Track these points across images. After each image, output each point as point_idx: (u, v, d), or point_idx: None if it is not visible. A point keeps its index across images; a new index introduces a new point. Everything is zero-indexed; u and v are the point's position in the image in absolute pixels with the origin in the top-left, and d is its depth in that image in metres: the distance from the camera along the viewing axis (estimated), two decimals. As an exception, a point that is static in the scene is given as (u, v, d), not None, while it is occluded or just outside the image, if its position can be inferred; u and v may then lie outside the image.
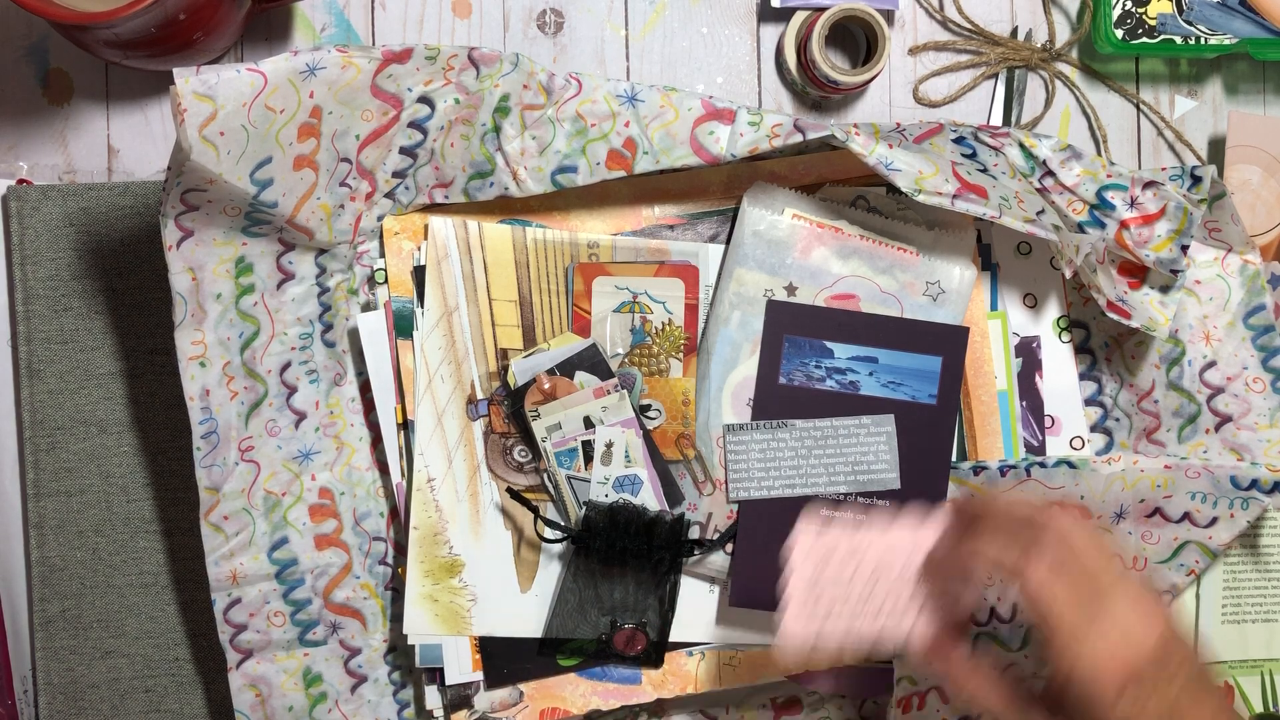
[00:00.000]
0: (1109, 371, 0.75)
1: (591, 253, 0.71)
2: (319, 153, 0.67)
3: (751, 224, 0.71)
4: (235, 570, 0.70)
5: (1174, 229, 0.69)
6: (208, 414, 0.68)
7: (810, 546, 0.61)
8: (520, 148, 0.68)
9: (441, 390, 0.71)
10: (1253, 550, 0.77)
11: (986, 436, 0.73)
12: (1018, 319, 0.74)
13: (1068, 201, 0.70)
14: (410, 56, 0.67)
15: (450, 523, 0.71)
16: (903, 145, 0.68)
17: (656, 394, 0.72)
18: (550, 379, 0.71)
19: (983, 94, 0.79)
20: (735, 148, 0.67)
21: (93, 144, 0.77)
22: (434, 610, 0.71)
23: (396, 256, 0.71)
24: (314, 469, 0.71)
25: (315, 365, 0.71)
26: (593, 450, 0.71)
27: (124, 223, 0.74)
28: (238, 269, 0.68)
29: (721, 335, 0.71)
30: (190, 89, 0.61)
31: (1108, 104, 0.80)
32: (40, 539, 0.75)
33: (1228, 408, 0.73)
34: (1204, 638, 0.77)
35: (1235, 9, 0.76)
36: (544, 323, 0.71)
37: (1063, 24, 0.79)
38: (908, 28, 0.79)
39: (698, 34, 0.78)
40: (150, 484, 0.75)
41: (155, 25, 0.66)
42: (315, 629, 0.72)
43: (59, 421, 0.74)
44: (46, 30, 0.76)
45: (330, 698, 0.72)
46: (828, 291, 0.71)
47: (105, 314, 0.75)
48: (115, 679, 0.75)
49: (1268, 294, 0.72)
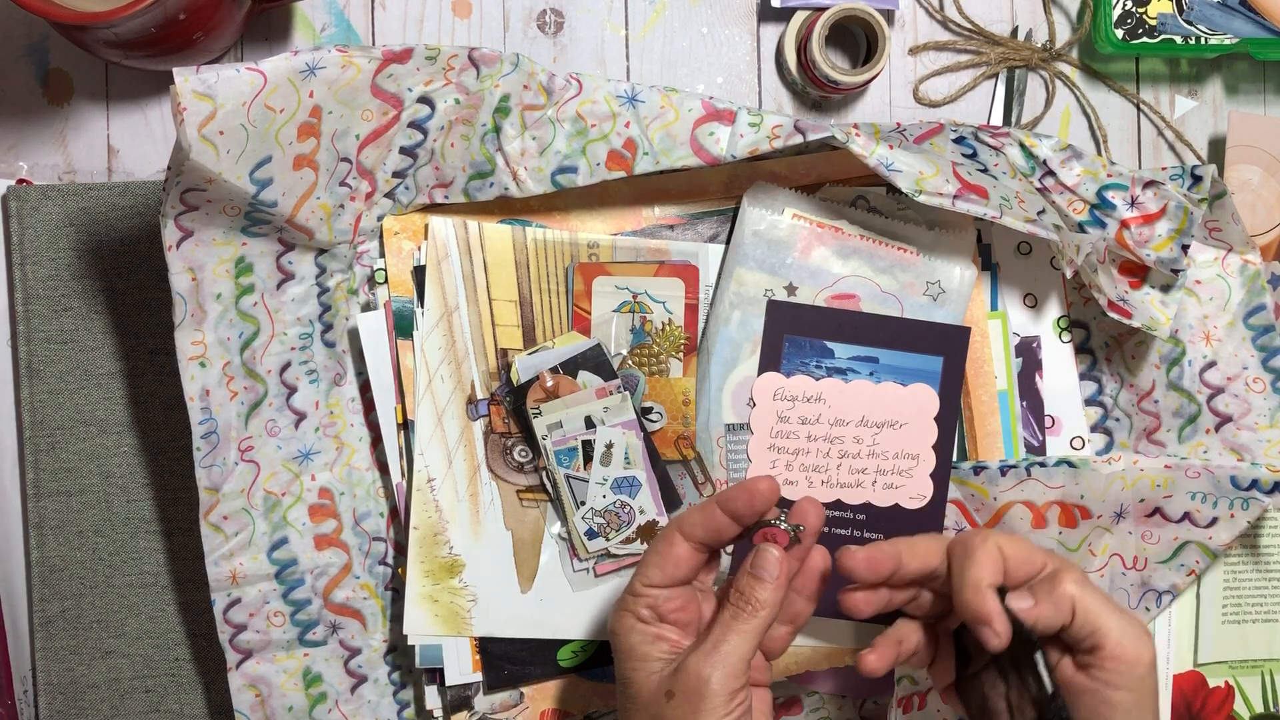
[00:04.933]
0: (1109, 371, 0.75)
1: (591, 253, 0.71)
2: (319, 152, 0.67)
3: (752, 224, 0.71)
4: (235, 570, 0.70)
5: (1174, 228, 0.69)
6: (208, 414, 0.68)
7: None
8: (520, 148, 0.68)
9: (441, 390, 0.71)
10: (1253, 550, 0.77)
11: (986, 436, 0.73)
12: (1018, 319, 0.74)
13: (1068, 201, 0.70)
14: (410, 56, 0.67)
15: (450, 523, 0.71)
16: (903, 146, 0.68)
17: (657, 395, 0.72)
18: (553, 377, 0.71)
19: (983, 94, 0.79)
20: (735, 149, 0.67)
21: (93, 144, 0.77)
22: (434, 610, 0.71)
23: (396, 256, 0.71)
24: (314, 469, 0.71)
25: (315, 365, 0.71)
26: (592, 450, 0.71)
27: (124, 223, 0.74)
28: (238, 269, 0.68)
29: (722, 335, 0.71)
30: (190, 88, 0.61)
31: (1108, 104, 0.80)
32: (40, 539, 0.74)
33: (1228, 408, 0.73)
34: (1204, 638, 0.77)
35: (1235, 9, 0.76)
36: (544, 323, 0.71)
37: (1063, 24, 0.79)
38: (908, 28, 0.79)
39: (698, 34, 0.78)
40: (150, 484, 0.75)
41: (155, 25, 0.66)
42: (315, 629, 0.72)
43: (59, 421, 0.74)
44: (46, 30, 0.76)
45: (330, 698, 0.72)
46: (828, 291, 0.71)
47: (105, 314, 0.75)
48: (115, 679, 0.75)
49: (1268, 294, 0.72)
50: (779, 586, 0.59)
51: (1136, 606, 0.73)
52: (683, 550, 0.60)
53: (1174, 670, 0.76)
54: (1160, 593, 0.73)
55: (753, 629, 0.58)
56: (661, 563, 0.60)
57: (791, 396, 0.70)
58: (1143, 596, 0.73)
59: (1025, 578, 0.58)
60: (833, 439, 0.70)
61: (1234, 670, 0.77)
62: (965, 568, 0.57)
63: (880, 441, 0.70)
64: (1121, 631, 0.56)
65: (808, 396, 0.70)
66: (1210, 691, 0.77)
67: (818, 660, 0.73)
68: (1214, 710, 0.77)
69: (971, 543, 0.58)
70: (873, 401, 0.70)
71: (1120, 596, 0.73)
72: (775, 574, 0.59)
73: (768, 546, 0.59)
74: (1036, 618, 0.57)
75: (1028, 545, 0.58)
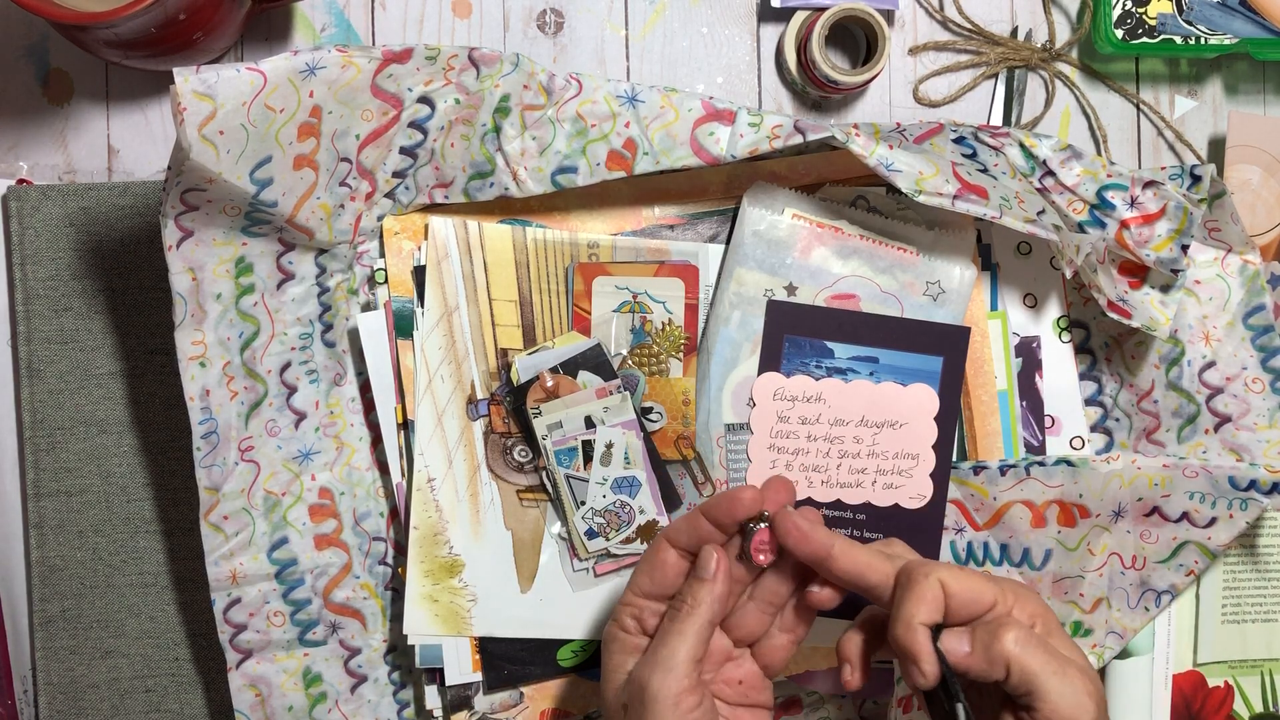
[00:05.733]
0: (1109, 371, 0.75)
1: (591, 253, 0.71)
2: (319, 152, 0.67)
3: (751, 224, 0.71)
4: (235, 570, 0.70)
5: (1174, 228, 0.69)
6: (208, 414, 0.68)
7: None
8: (520, 148, 0.68)
9: (441, 390, 0.71)
10: (1252, 551, 0.77)
11: (986, 436, 0.73)
12: (1018, 319, 0.74)
13: (1068, 201, 0.70)
14: (410, 56, 0.67)
15: (450, 523, 0.71)
16: (903, 146, 0.68)
17: (657, 394, 0.72)
18: (553, 377, 0.71)
19: (983, 94, 0.79)
20: (735, 149, 0.67)
21: (93, 144, 0.77)
22: (434, 610, 0.71)
23: (396, 256, 0.71)
24: (314, 469, 0.71)
25: (315, 365, 0.71)
26: (592, 450, 0.71)
27: (124, 223, 0.74)
28: (238, 269, 0.68)
29: (721, 335, 0.71)
30: (190, 88, 0.61)
31: (1108, 104, 0.80)
32: (40, 539, 0.75)
33: (1227, 408, 0.73)
34: (1203, 638, 0.77)
35: (1235, 9, 0.77)
36: (544, 323, 0.71)
37: (1063, 24, 0.79)
38: (908, 28, 0.79)
39: (698, 34, 0.79)
40: (150, 484, 0.75)
41: (155, 25, 0.66)
42: (315, 629, 0.72)
43: (59, 421, 0.74)
44: (46, 30, 0.76)
45: (330, 698, 0.72)
46: (828, 291, 0.71)
47: (105, 314, 0.75)
48: (115, 679, 0.75)
49: (1267, 294, 0.72)
50: (714, 584, 0.58)
51: (1136, 606, 0.73)
52: (670, 557, 0.59)
53: (1174, 670, 0.76)
54: (1159, 592, 0.73)
55: (691, 629, 0.57)
56: (650, 570, 0.60)
57: (791, 396, 0.70)
58: (1142, 596, 0.73)
59: (969, 616, 0.56)
60: (833, 439, 0.70)
61: (1233, 670, 0.77)
62: (902, 599, 0.55)
63: (880, 441, 0.70)
64: (1059, 695, 0.54)
65: (808, 396, 0.70)
66: (1210, 691, 0.77)
67: (818, 660, 0.73)
68: (1213, 710, 0.77)
69: (915, 574, 0.56)
70: (873, 401, 0.70)
71: (1119, 596, 0.73)
72: (712, 571, 0.58)
73: (708, 548, 0.59)
74: (968, 666, 0.54)
75: (977, 580, 0.56)
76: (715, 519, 0.59)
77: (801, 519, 0.58)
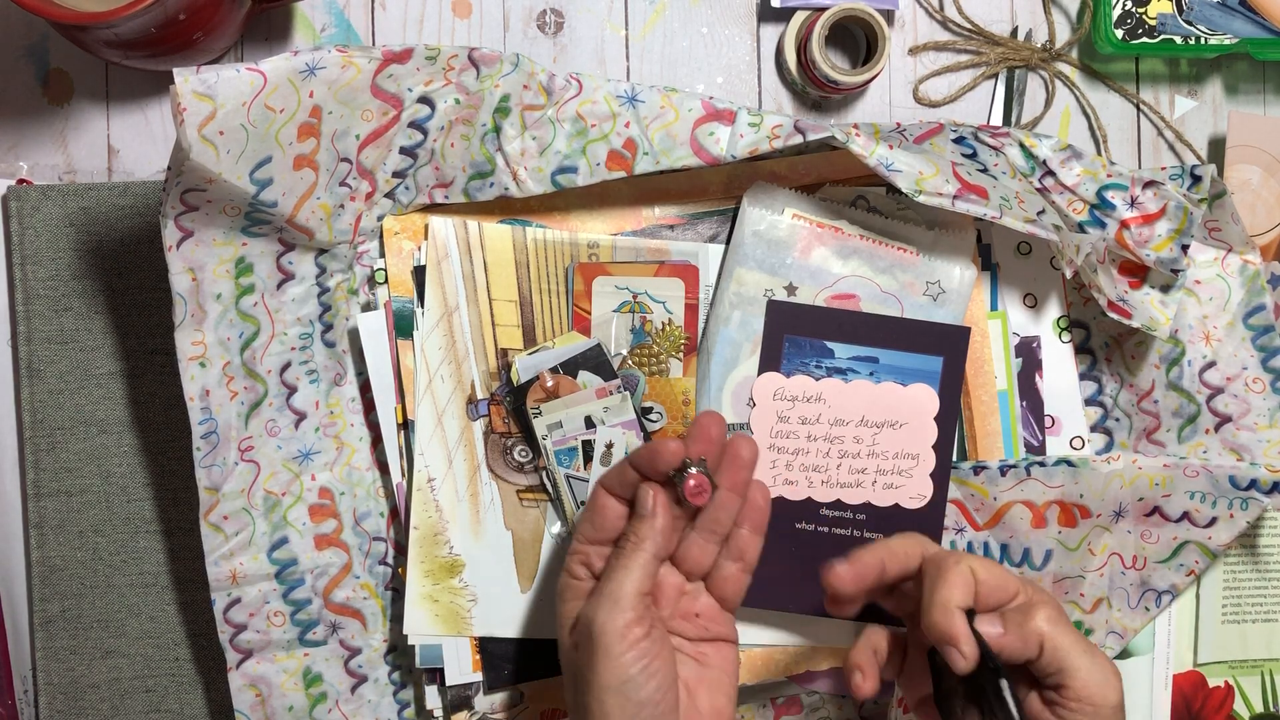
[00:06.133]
0: (1109, 371, 0.75)
1: (591, 253, 0.71)
2: (319, 152, 0.67)
3: (751, 224, 0.71)
4: (235, 570, 0.70)
5: (1174, 228, 0.69)
6: (208, 414, 0.68)
7: None
8: (520, 148, 0.68)
9: (441, 390, 0.71)
10: (1252, 551, 0.77)
11: (986, 436, 0.73)
12: (1018, 319, 0.74)
13: (1068, 201, 0.70)
14: (410, 56, 0.67)
15: (450, 523, 0.71)
16: (903, 146, 0.68)
17: (657, 394, 0.72)
18: (553, 377, 0.71)
19: (983, 94, 0.79)
20: (735, 149, 0.67)
21: (93, 144, 0.77)
22: (434, 610, 0.71)
23: (396, 256, 0.71)
24: (314, 469, 0.71)
25: (315, 365, 0.71)
26: (592, 450, 0.71)
27: (124, 223, 0.74)
28: (238, 269, 0.68)
29: (721, 335, 0.71)
30: (190, 88, 0.61)
31: (1108, 104, 0.80)
32: (40, 539, 0.75)
33: (1227, 408, 0.73)
34: (1204, 638, 0.77)
35: (1235, 9, 0.77)
36: (544, 323, 0.71)
37: (1063, 24, 0.79)
38: (908, 28, 0.79)
39: (698, 34, 0.79)
40: (150, 484, 0.75)
41: (155, 25, 0.66)
42: (315, 629, 0.72)
43: (59, 421, 0.74)
44: (46, 30, 0.76)
45: (330, 698, 0.72)
46: (828, 291, 0.71)
47: (105, 314, 0.75)
48: (115, 679, 0.75)
49: (1268, 294, 0.72)
50: (654, 518, 0.59)
51: (1136, 606, 0.73)
52: (609, 502, 0.61)
53: (1174, 670, 0.76)
54: (1160, 592, 0.73)
55: (636, 564, 0.59)
56: (592, 516, 0.61)
57: (791, 396, 0.70)
58: (1142, 596, 0.73)
59: (996, 603, 0.58)
60: (833, 439, 0.70)
61: (1234, 670, 0.77)
62: (936, 587, 0.57)
63: (880, 441, 0.70)
64: (1088, 672, 0.56)
65: (808, 396, 0.70)
66: (1210, 691, 0.77)
67: (818, 660, 0.73)
68: (1214, 710, 0.77)
69: (945, 562, 0.58)
70: (873, 401, 0.70)
71: (1120, 596, 0.73)
72: (650, 507, 0.59)
73: (644, 485, 0.60)
74: (1003, 646, 0.56)
75: (1001, 570, 0.58)
76: (639, 468, 0.60)
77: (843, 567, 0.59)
